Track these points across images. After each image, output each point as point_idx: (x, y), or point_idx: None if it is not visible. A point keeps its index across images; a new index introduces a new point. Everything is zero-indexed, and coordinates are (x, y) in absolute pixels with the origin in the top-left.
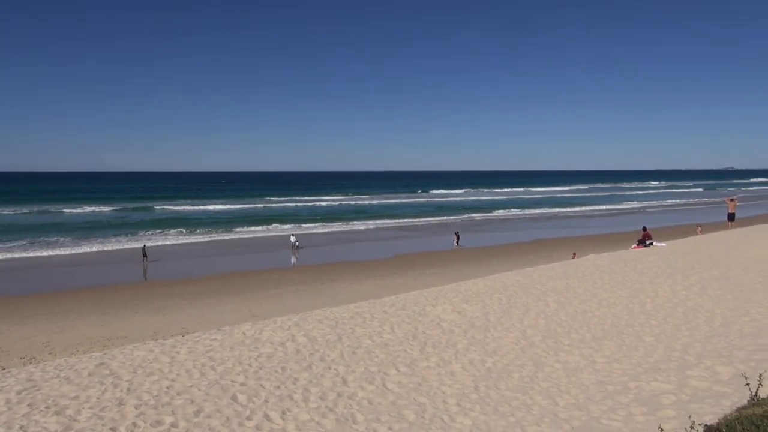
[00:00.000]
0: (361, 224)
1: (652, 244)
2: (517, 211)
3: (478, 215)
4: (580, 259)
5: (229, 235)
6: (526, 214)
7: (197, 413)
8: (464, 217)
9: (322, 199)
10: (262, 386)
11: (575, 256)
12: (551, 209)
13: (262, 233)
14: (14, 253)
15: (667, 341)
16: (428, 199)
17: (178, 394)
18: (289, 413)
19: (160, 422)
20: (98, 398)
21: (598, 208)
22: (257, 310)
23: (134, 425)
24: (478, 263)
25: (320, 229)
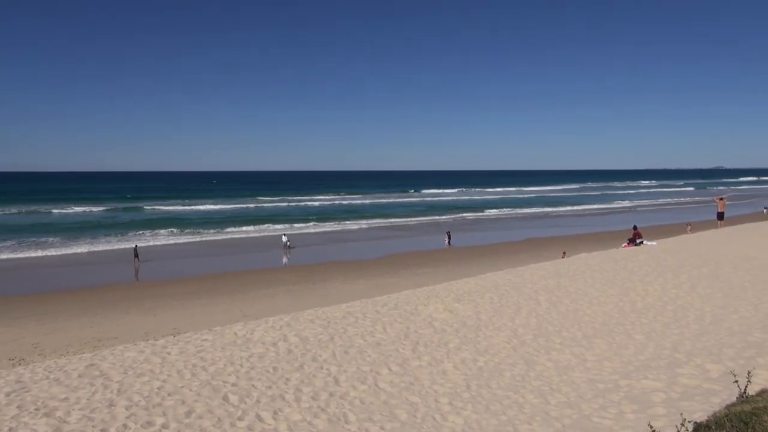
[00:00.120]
0: (353, 224)
1: (642, 242)
2: (508, 210)
3: (469, 215)
4: (571, 258)
5: (220, 235)
6: (517, 213)
7: (188, 414)
8: (456, 216)
9: (314, 198)
10: (253, 386)
11: (565, 255)
12: (543, 208)
13: (253, 233)
14: (2, 254)
15: (657, 339)
16: (420, 198)
17: (169, 394)
18: (280, 413)
19: (150, 423)
20: (88, 399)
21: (589, 207)
22: (249, 310)
23: (125, 426)
24: (469, 262)
25: (312, 228)
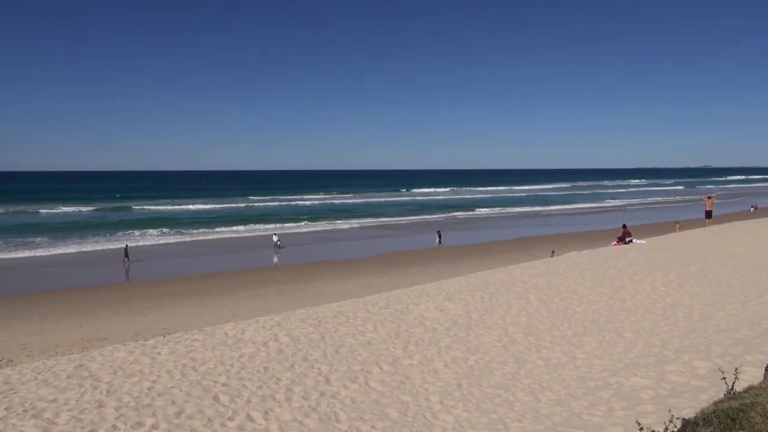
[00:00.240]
0: (344, 223)
1: (631, 241)
2: (499, 209)
3: (460, 214)
4: (560, 256)
5: (210, 234)
6: (508, 212)
7: (178, 414)
8: (447, 215)
9: (304, 198)
10: (244, 386)
11: (554, 254)
12: (534, 207)
13: (244, 233)
14: None
15: (646, 337)
16: (411, 197)
17: (158, 395)
18: (271, 413)
19: (140, 424)
20: (77, 400)
21: (580, 206)
22: (239, 310)
23: (114, 427)
24: (460, 261)
25: (303, 228)
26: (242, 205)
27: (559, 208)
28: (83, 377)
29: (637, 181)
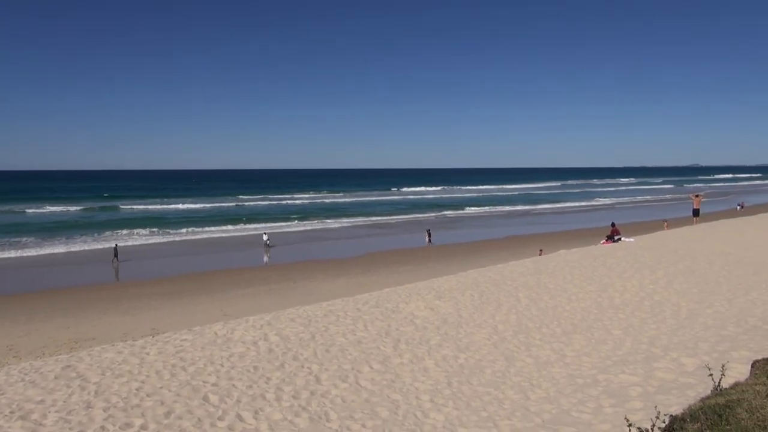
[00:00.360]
0: (334, 222)
1: (620, 239)
2: (489, 208)
3: (450, 212)
4: (550, 254)
5: (200, 234)
6: (498, 211)
7: (168, 414)
8: (437, 214)
9: (295, 197)
10: (234, 386)
11: (542, 252)
12: (524, 206)
13: (234, 232)
14: None
15: (634, 334)
16: (402, 196)
17: (147, 395)
18: (261, 413)
19: (129, 425)
20: (65, 401)
21: (569, 204)
22: (229, 309)
23: (102, 428)
24: (450, 260)
25: (293, 227)
26: (232, 204)
27: (549, 206)
28: (71, 378)
29: (626, 179)
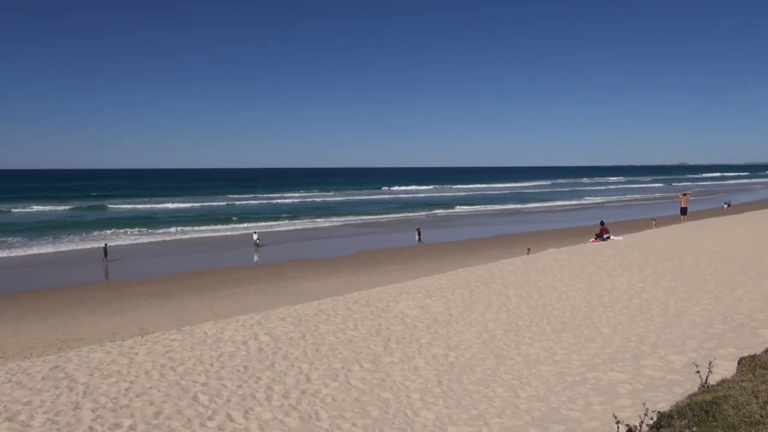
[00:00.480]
0: (324, 221)
1: (609, 237)
2: (479, 207)
3: (441, 211)
4: (539, 253)
5: (190, 233)
6: (488, 209)
7: (157, 415)
8: (428, 213)
9: (285, 196)
10: (224, 386)
11: (530, 251)
12: (514, 205)
13: (224, 231)
14: None
15: (623, 332)
16: (392, 195)
17: (136, 396)
18: (251, 412)
19: (118, 425)
20: (53, 402)
21: (559, 203)
22: (219, 309)
23: (91, 429)
24: (440, 259)
25: (284, 226)
26: (222, 203)
27: (539, 205)
28: (59, 378)
29: (615, 178)
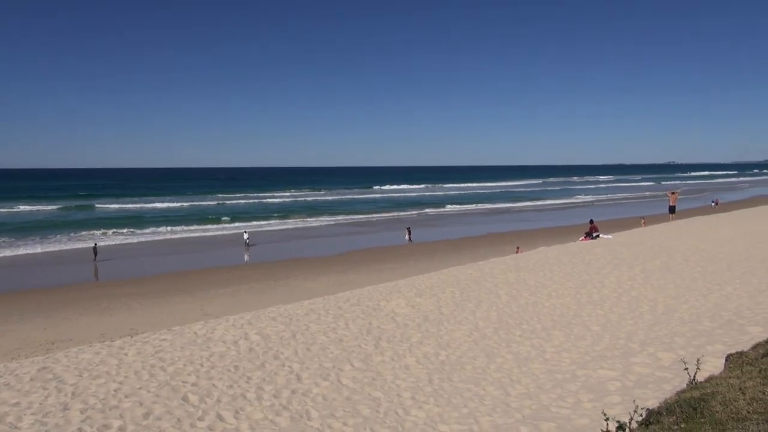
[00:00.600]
0: (315, 221)
1: (599, 236)
2: (470, 206)
3: (432, 210)
4: (529, 251)
5: (180, 233)
6: (479, 208)
7: (146, 416)
8: (419, 212)
9: (275, 195)
10: (214, 386)
11: (519, 250)
12: (504, 204)
13: (214, 231)
14: None
15: (612, 330)
16: (383, 195)
17: (126, 396)
18: (242, 412)
19: (107, 426)
20: (41, 404)
21: (549, 202)
22: (209, 308)
23: (80, 430)
24: (431, 258)
25: (274, 225)
26: (212, 202)
27: (529, 204)
28: (47, 379)
29: (605, 177)
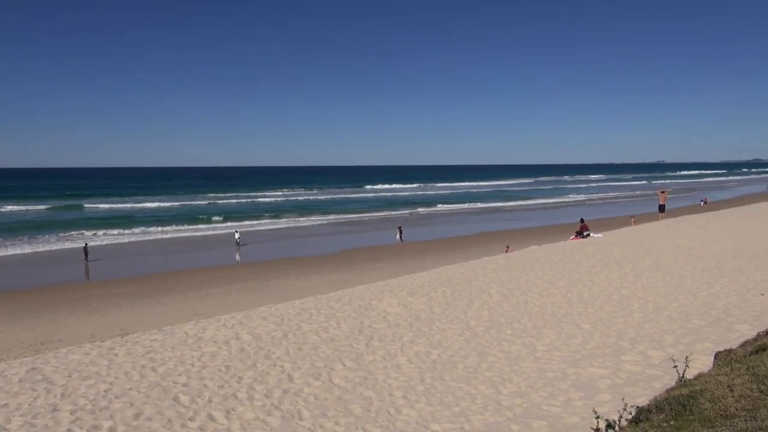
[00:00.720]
0: (306, 220)
1: (589, 235)
2: (462, 205)
3: (423, 209)
4: (520, 250)
5: (171, 232)
6: (471, 207)
7: (137, 416)
8: (411, 211)
9: (267, 194)
10: (205, 386)
11: (508, 249)
12: (496, 203)
13: (205, 230)
14: None
15: (603, 328)
16: (375, 194)
17: (116, 397)
18: (233, 412)
19: (97, 427)
20: (30, 405)
21: (540, 201)
22: (200, 308)
23: (69, 431)
24: (423, 257)
25: (266, 225)
26: (203, 202)
27: (521, 203)
28: (36, 381)
29: (596, 176)
